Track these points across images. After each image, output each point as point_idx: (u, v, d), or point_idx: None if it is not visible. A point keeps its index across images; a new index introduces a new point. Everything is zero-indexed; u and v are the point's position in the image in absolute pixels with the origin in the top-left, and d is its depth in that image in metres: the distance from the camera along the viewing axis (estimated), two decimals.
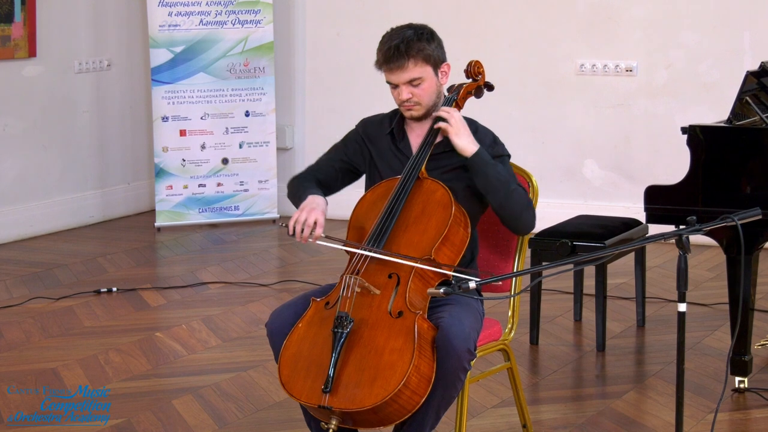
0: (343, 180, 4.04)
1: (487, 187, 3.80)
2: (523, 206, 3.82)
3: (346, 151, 4.02)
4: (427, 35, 3.84)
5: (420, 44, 3.81)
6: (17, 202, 7.70)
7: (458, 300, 3.72)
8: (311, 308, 3.73)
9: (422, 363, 3.51)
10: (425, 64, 3.82)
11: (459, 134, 3.81)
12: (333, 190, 4.04)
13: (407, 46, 3.79)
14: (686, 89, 7.46)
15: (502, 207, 3.82)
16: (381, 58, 3.83)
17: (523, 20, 7.80)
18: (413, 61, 3.80)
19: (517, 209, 3.81)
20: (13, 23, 7.48)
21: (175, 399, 4.86)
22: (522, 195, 3.83)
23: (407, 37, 3.80)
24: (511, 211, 3.82)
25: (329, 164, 4.03)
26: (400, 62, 3.79)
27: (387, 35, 3.86)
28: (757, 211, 3.40)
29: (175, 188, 8.00)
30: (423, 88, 3.84)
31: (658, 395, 4.89)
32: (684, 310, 3.31)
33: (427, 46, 3.82)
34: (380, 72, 3.88)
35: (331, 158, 4.04)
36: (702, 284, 6.49)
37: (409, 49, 3.79)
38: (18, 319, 5.96)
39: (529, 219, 3.84)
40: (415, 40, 3.80)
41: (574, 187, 7.76)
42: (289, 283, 6.63)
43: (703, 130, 4.83)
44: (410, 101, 3.85)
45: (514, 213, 3.82)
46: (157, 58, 7.92)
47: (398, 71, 3.81)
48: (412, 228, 3.75)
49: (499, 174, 3.80)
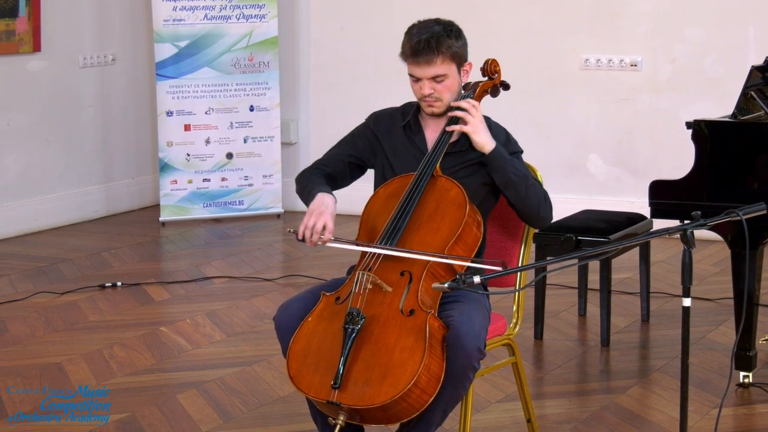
0: (351, 175, 4.03)
1: (506, 183, 3.80)
2: (541, 200, 3.83)
3: (354, 146, 4.01)
4: (455, 32, 3.83)
5: (449, 41, 3.80)
6: (21, 196, 7.71)
7: (467, 297, 3.71)
8: (321, 302, 3.71)
9: (432, 362, 3.50)
10: (451, 61, 3.81)
11: (478, 131, 3.80)
12: (341, 185, 4.03)
13: (437, 42, 3.77)
14: (691, 84, 7.45)
15: (521, 202, 3.82)
16: (408, 51, 3.81)
17: (527, 15, 7.79)
18: (441, 58, 3.79)
19: (535, 203, 3.82)
20: (18, 18, 7.48)
21: (180, 393, 4.86)
22: (539, 189, 3.84)
23: (437, 32, 3.79)
24: (529, 205, 3.82)
25: (338, 158, 4.01)
26: (428, 57, 3.78)
27: (415, 28, 3.83)
28: (762, 206, 3.39)
29: (180, 183, 8.01)
30: (446, 84, 3.83)
31: (663, 390, 4.89)
32: (688, 304, 3.31)
33: (455, 43, 3.81)
34: (403, 63, 3.85)
35: (340, 152, 4.02)
36: (707, 279, 6.49)
37: (439, 45, 3.78)
38: (22, 314, 5.97)
39: (546, 212, 3.85)
40: (445, 37, 3.79)
41: (578, 181, 7.76)
42: (294, 278, 6.64)
43: (708, 125, 4.83)
44: (431, 96, 3.84)
45: (533, 207, 3.82)
46: (161, 52, 7.92)
47: (425, 65, 3.79)
48: (426, 227, 3.74)
49: (517, 170, 3.80)
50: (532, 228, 4.04)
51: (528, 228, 4.09)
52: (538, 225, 3.93)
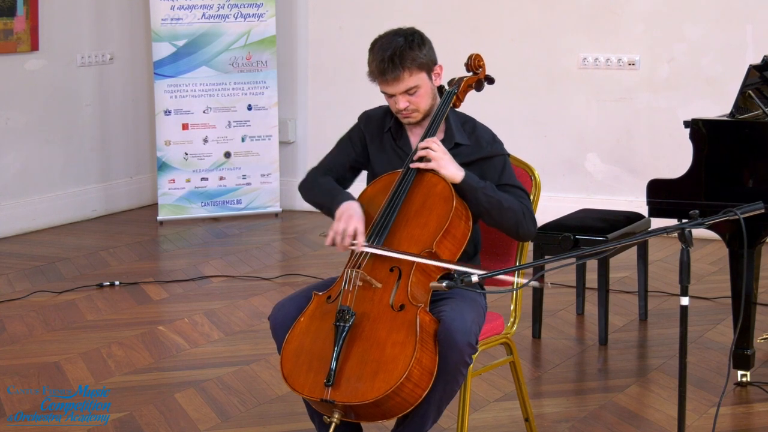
0: (353, 176, 4.05)
1: (479, 212, 3.80)
2: (519, 219, 3.79)
3: (353, 148, 4.01)
4: (418, 41, 3.81)
5: (413, 53, 3.77)
6: (20, 195, 7.70)
7: (460, 294, 3.72)
8: (313, 302, 3.73)
9: (424, 356, 3.51)
10: (420, 71, 3.80)
11: (444, 165, 3.77)
12: (345, 187, 4.03)
13: (401, 58, 3.76)
14: (689, 83, 7.45)
15: (497, 225, 3.84)
16: (375, 71, 3.80)
17: (525, 13, 7.79)
18: (408, 72, 3.77)
19: (512, 224, 3.81)
20: (16, 17, 7.48)
21: (178, 392, 4.86)
22: (515, 208, 3.79)
23: (399, 46, 3.77)
24: (506, 227, 3.83)
25: (341, 164, 4.00)
26: (395, 74, 3.76)
27: (377, 45, 3.82)
28: (759, 204, 3.39)
29: (178, 182, 8.00)
30: (419, 95, 3.82)
31: (661, 389, 4.89)
32: (686, 303, 3.31)
33: (419, 53, 3.79)
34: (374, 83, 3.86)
35: (341, 156, 4.01)
36: (704, 278, 6.49)
37: (404, 60, 3.76)
38: (20, 313, 5.97)
39: (526, 228, 3.82)
40: (408, 49, 3.77)
41: (576, 180, 7.76)
42: (292, 277, 6.63)
43: (706, 123, 4.83)
44: (408, 109, 3.84)
45: (510, 229, 3.83)
46: (159, 51, 7.91)
47: (394, 83, 3.79)
48: (413, 222, 3.75)
49: (489, 197, 3.77)
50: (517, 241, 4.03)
51: None
52: (521, 239, 3.94)
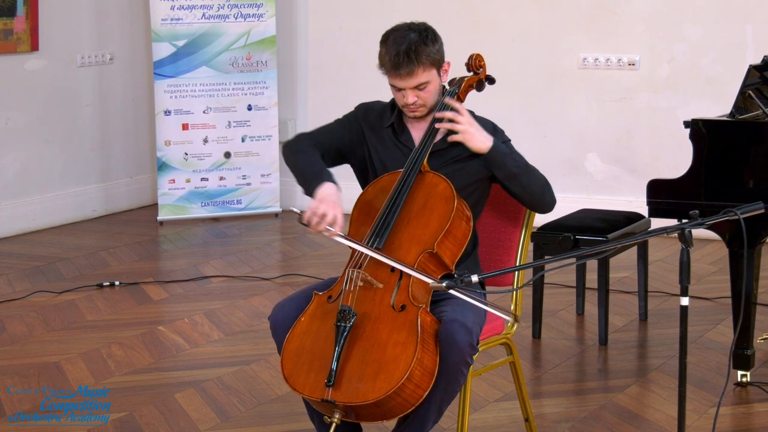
0: (333, 161, 3.96)
1: (509, 177, 3.81)
2: (544, 184, 3.85)
3: (344, 133, 3.97)
4: (431, 37, 3.81)
5: (427, 49, 3.78)
6: (20, 195, 7.70)
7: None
8: (314, 302, 3.72)
9: (425, 356, 3.51)
10: (432, 67, 3.81)
11: (472, 137, 3.79)
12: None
13: (416, 53, 3.76)
14: (689, 83, 7.45)
15: (526, 192, 3.83)
16: (388, 64, 3.79)
17: (525, 13, 7.79)
18: (422, 67, 3.78)
19: (539, 190, 3.84)
20: (16, 17, 7.48)
21: (178, 393, 4.86)
22: (540, 174, 3.85)
23: (413, 41, 3.76)
24: (534, 193, 3.84)
25: (330, 140, 3.95)
26: (409, 69, 3.76)
27: (390, 39, 3.81)
28: (759, 205, 3.39)
29: (178, 182, 8.00)
30: (428, 90, 3.83)
31: (661, 389, 4.89)
32: (686, 303, 3.31)
33: (432, 49, 3.79)
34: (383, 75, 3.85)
35: (332, 136, 3.96)
36: (704, 278, 6.49)
37: (418, 56, 3.76)
38: (20, 313, 5.97)
39: (551, 196, 3.87)
40: (422, 45, 3.77)
41: (576, 180, 7.76)
42: (292, 277, 6.63)
43: (706, 124, 4.83)
44: (415, 104, 3.84)
45: (537, 194, 3.84)
46: (159, 51, 7.91)
47: (407, 77, 3.79)
48: (414, 222, 3.75)
49: (516, 162, 3.82)
50: (540, 213, 4.01)
51: (528, 213, 4.10)
52: (545, 210, 3.92)
